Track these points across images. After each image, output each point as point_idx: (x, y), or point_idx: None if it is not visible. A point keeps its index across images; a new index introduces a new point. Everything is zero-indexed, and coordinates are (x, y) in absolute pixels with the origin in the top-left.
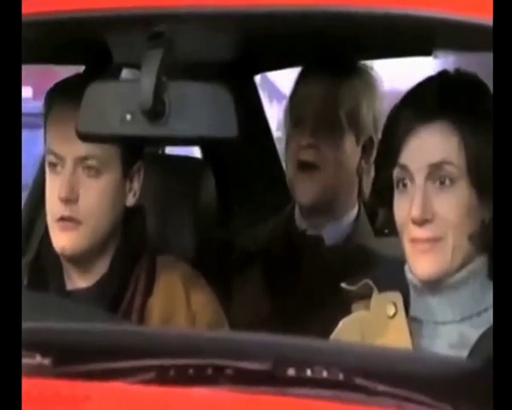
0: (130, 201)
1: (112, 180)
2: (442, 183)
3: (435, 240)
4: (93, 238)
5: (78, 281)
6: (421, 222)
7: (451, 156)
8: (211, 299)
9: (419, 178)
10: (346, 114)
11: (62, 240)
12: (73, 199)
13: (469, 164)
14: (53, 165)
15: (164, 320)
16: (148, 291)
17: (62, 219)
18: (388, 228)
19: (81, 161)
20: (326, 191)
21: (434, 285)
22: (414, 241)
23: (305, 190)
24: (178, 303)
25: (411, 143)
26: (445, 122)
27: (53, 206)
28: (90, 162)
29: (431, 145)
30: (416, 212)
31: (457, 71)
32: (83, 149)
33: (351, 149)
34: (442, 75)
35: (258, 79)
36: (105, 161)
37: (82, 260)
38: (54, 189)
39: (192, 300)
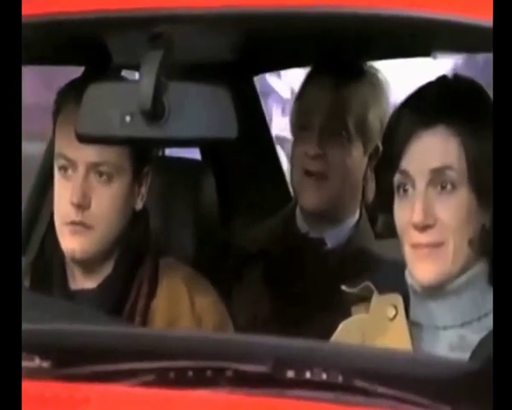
0: (139, 205)
1: (123, 185)
2: (443, 188)
3: (436, 245)
4: (103, 242)
5: (82, 282)
6: (423, 227)
7: (452, 161)
8: (215, 301)
9: (420, 184)
10: (354, 122)
11: (72, 244)
12: (86, 204)
13: (470, 169)
14: (64, 169)
15: (167, 323)
16: (151, 294)
17: (74, 223)
18: (389, 233)
19: (94, 166)
20: (331, 199)
21: (435, 290)
22: (415, 246)
23: (310, 197)
24: (182, 306)
25: (412, 148)
26: (446, 127)
27: (63, 210)
28: (103, 168)
29: (432, 150)
30: (417, 217)
31: (457, 76)
32: (95, 154)
33: (358, 158)
34: (442, 80)
35: None
36: (117, 166)
37: (89, 262)
38: (64, 193)
39: (196, 302)
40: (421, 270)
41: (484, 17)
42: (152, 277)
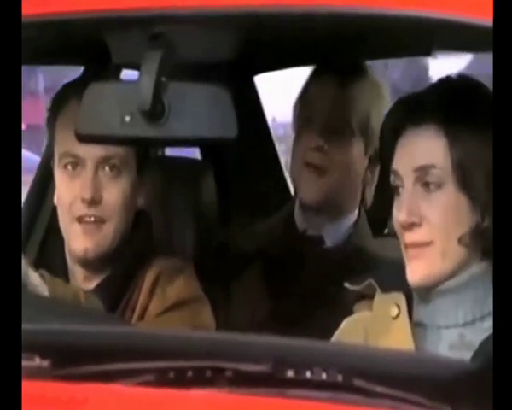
0: (142, 201)
1: (129, 180)
2: (429, 186)
3: (424, 245)
4: (114, 239)
5: (82, 283)
6: (408, 226)
7: (437, 160)
8: (184, 283)
9: (407, 182)
10: (357, 120)
11: (85, 243)
12: (98, 200)
13: (456, 168)
14: (70, 167)
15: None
16: (150, 294)
17: (85, 221)
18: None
19: (102, 161)
20: (330, 193)
21: (427, 290)
22: (405, 246)
23: (309, 190)
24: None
25: (401, 148)
26: (432, 126)
27: (73, 207)
28: (111, 162)
29: (417, 149)
30: (402, 216)
31: (448, 76)
32: (103, 149)
33: (359, 156)
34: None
35: None
36: (124, 160)
37: (96, 262)
38: (72, 191)
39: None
40: (411, 270)
41: (484, 16)
42: (150, 278)
